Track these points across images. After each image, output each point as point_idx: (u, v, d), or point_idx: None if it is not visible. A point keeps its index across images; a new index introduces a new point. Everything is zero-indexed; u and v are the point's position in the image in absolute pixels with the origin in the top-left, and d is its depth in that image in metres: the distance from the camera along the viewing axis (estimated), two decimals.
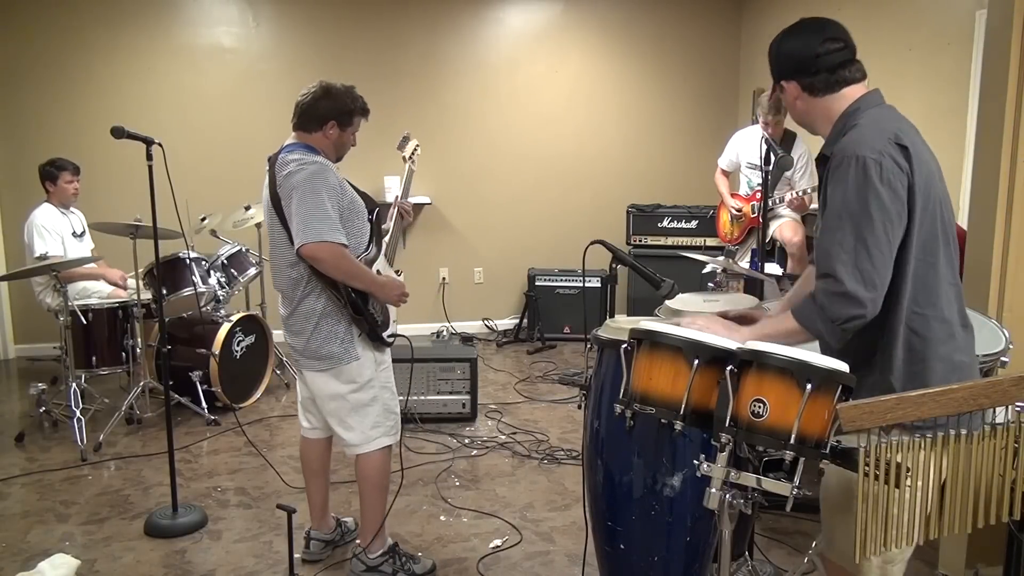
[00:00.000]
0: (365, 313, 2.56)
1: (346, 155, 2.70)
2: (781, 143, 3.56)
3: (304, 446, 2.86)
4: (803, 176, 4.58)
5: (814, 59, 1.70)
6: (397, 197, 2.89)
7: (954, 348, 1.65)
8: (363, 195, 2.66)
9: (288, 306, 2.61)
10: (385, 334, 2.67)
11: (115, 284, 4.56)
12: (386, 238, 2.76)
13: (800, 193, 4.47)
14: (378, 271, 2.65)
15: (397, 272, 2.82)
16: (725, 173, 5.05)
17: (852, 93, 1.71)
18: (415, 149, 3.06)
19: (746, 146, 4.86)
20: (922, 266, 1.62)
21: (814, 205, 4.84)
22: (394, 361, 2.82)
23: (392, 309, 2.74)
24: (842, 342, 1.63)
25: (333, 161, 2.62)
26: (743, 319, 1.95)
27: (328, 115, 2.56)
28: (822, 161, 1.73)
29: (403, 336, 2.81)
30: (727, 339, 1.62)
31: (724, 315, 1.97)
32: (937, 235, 1.63)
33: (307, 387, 2.71)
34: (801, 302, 1.67)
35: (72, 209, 4.66)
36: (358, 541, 2.77)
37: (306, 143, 2.57)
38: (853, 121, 1.67)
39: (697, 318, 1.88)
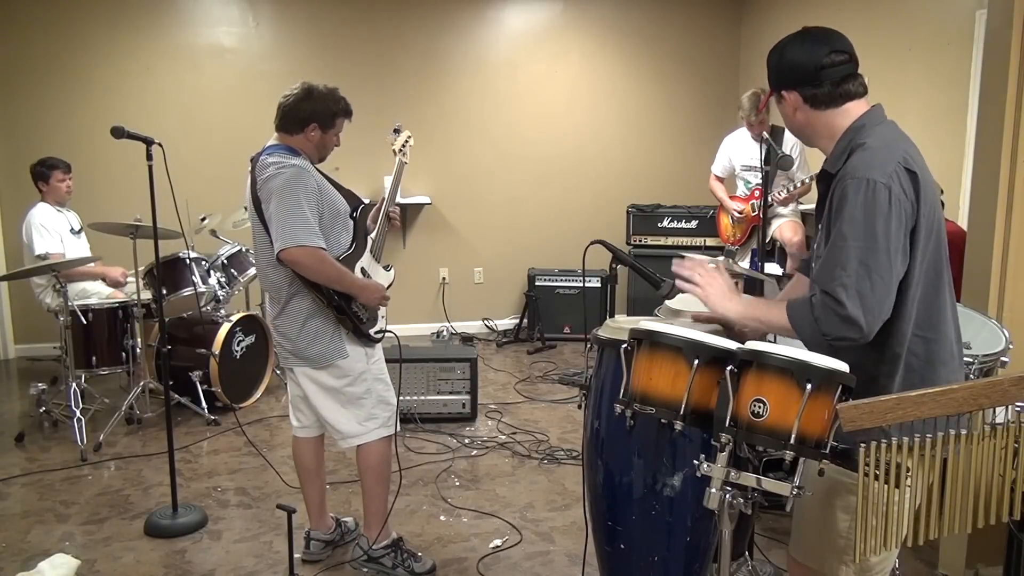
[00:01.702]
0: (348, 313, 2.57)
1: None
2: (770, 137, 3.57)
3: (297, 446, 2.86)
4: (799, 167, 4.55)
5: (819, 70, 1.65)
6: (383, 200, 2.87)
7: (952, 370, 1.65)
8: (346, 193, 2.67)
9: (276, 306, 2.62)
10: (372, 331, 2.67)
11: (116, 282, 4.56)
12: (372, 235, 2.76)
13: (796, 186, 4.46)
14: (363, 268, 2.65)
15: (386, 267, 2.82)
16: (719, 179, 5.05)
17: (855, 109, 1.68)
18: (406, 141, 3.01)
19: (738, 149, 4.85)
20: (929, 290, 1.61)
21: (804, 206, 4.85)
22: (388, 362, 2.81)
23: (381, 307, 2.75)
24: (823, 352, 1.60)
25: (316, 162, 2.63)
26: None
27: (310, 117, 2.56)
28: (823, 178, 1.70)
29: (391, 333, 2.81)
30: (723, 313, 1.63)
31: (698, 318, 1.96)
32: (942, 258, 1.63)
33: (298, 386, 2.71)
34: (799, 303, 1.63)
35: (67, 207, 4.66)
36: (363, 533, 2.79)
37: (287, 144, 2.58)
38: (860, 139, 1.63)
39: (697, 268, 1.83)
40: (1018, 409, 1.43)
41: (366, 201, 2.81)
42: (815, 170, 2.87)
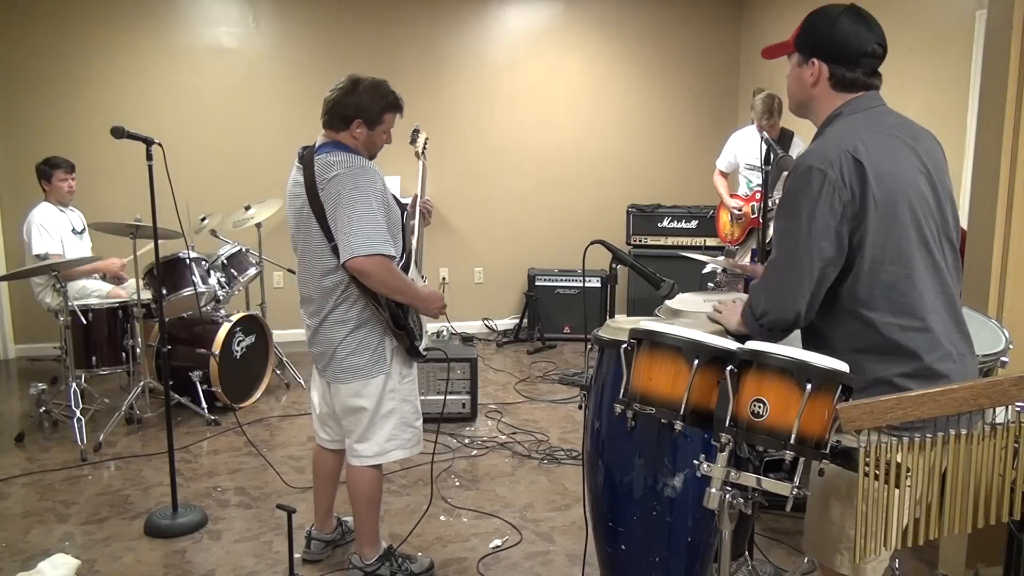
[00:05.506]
0: (406, 327, 2.46)
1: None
2: (778, 142, 3.58)
3: (320, 455, 2.81)
4: None
5: (860, 56, 1.66)
6: (416, 196, 2.75)
7: (940, 358, 1.62)
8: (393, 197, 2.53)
9: (318, 313, 2.47)
10: (420, 347, 2.58)
11: (116, 276, 4.56)
12: (413, 241, 2.62)
13: None
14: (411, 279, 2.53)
15: (422, 278, 2.71)
16: (723, 174, 5.05)
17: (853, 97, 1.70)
18: (426, 142, 2.97)
19: (744, 147, 4.86)
20: (894, 278, 1.61)
21: None
22: None
23: (424, 320, 2.63)
24: (763, 339, 1.66)
25: None
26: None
27: (355, 113, 2.39)
28: None
29: (439, 348, 2.72)
30: (732, 326, 1.65)
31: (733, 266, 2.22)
32: (912, 247, 1.61)
33: (326, 401, 2.64)
34: None
35: (71, 207, 4.66)
36: (354, 551, 2.75)
37: (337, 141, 2.42)
38: (828, 127, 1.69)
39: (721, 307, 2.00)
40: (1018, 409, 1.43)
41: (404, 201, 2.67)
42: None
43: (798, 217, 1.61)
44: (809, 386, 1.39)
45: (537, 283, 6.14)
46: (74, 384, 4.06)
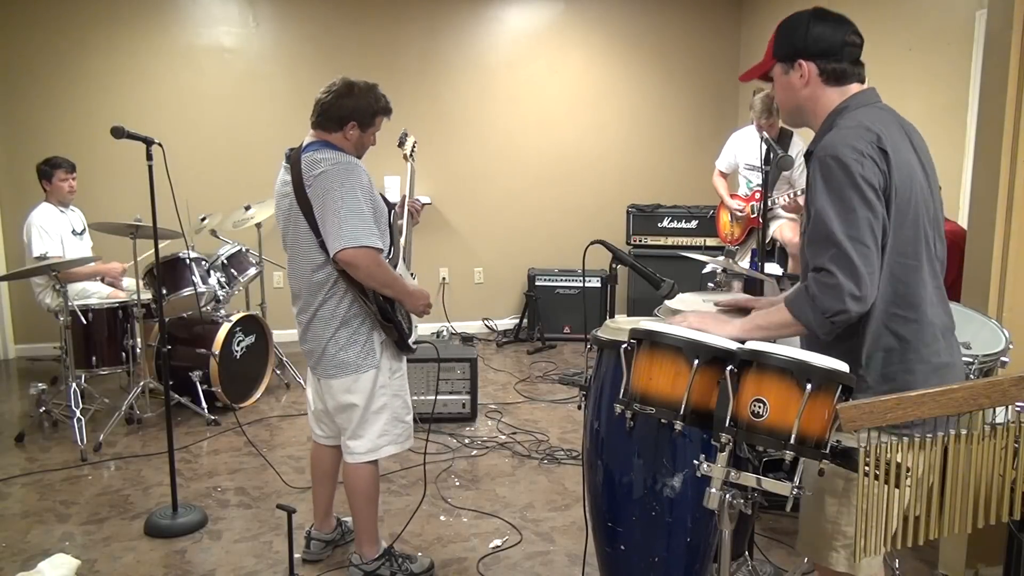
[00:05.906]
0: (395, 320, 2.49)
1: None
2: (778, 142, 3.59)
3: (317, 452, 2.82)
4: (802, 174, 4.57)
5: (842, 47, 1.70)
6: (405, 196, 2.78)
7: (936, 351, 1.64)
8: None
9: (307, 309, 2.52)
10: (410, 341, 2.62)
11: (114, 279, 4.56)
12: (401, 239, 2.67)
13: (797, 194, 4.47)
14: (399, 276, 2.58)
15: (412, 275, 2.75)
16: (723, 175, 5.05)
17: (851, 90, 1.72)
18: (414, 145, 3.01)
19: (744, 147, 4.86)
20: (902, 269, 1.62)
21: None
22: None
23: (415, 319, 2.67)
24: (830, 335, 1.61)
25: None
26: (737, 309, 1.97)
27: (350, 115, 2.46)
28: (808, 157, 1.74)
29: (428, 342, 2.74)
30: (723, 338, 1.63)
31: (717, 304, 2.04)
32: (920, 239, 1.62)
33: (320, 398, 2.66)
34: (795, 293, 1.67)
35: (72, 207, 4.66)
36: (353, 550, 2.76)
37: (326, 141, 2.48)
38: (840, 120, 1.68)
39: (688, 315, 1.87)
40: (1018, 409, 1.43)
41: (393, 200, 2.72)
42: None
43: (852, 208, 1.56)
44: (809, 386, 1.39)
45: (537, 283, 6.14)
46: (74, 384, 4.06)
